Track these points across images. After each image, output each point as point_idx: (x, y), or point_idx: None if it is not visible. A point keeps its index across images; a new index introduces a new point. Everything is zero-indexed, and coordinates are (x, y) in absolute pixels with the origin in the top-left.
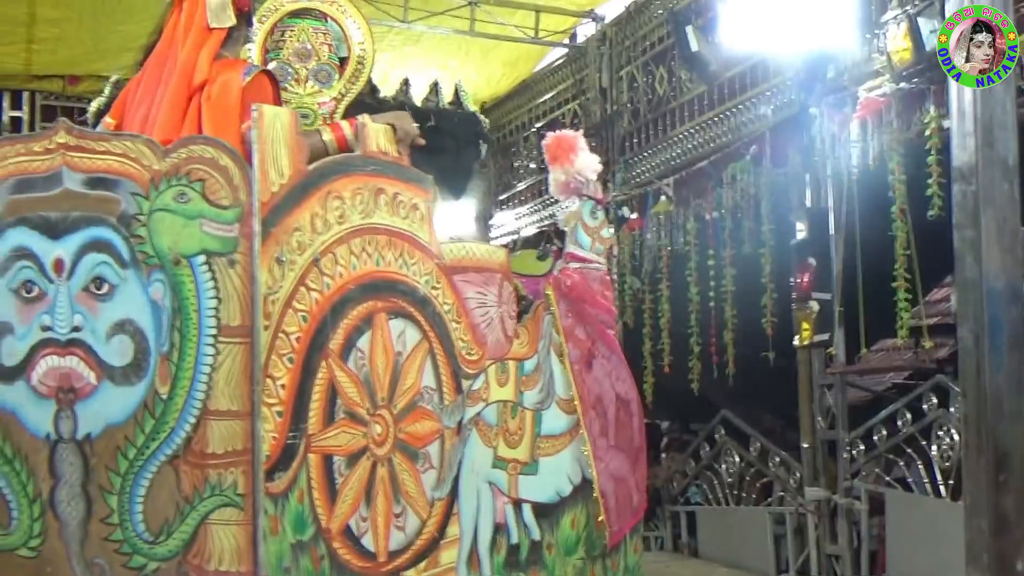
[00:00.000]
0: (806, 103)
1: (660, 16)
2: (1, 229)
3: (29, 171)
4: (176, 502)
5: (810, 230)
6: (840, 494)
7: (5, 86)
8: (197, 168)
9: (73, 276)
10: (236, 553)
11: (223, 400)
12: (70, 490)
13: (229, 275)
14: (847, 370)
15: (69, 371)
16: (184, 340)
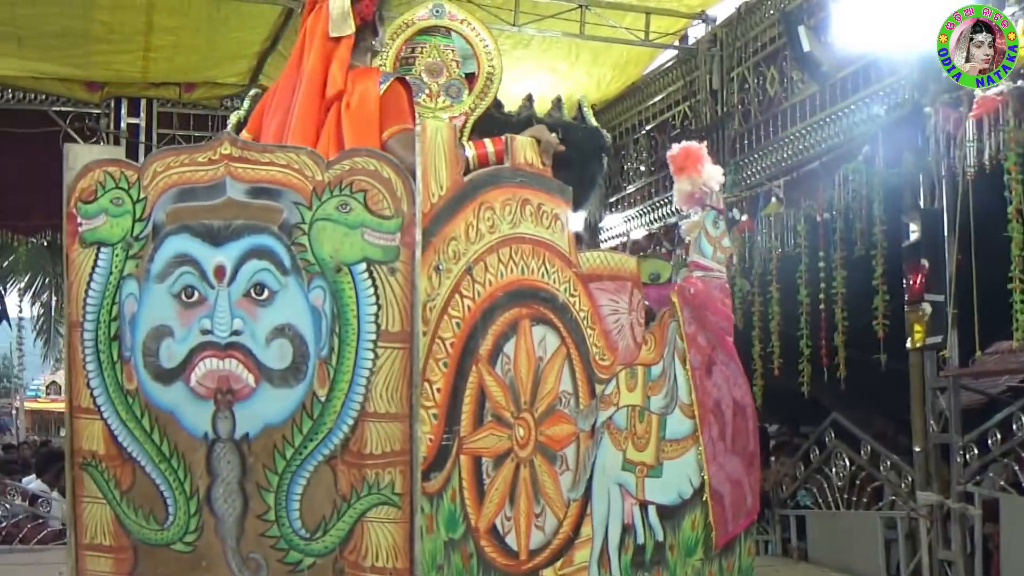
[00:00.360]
0: (920, 102)
1: (772, 17)
2: (164, 236)
3: (192, 181)
4: (333, 500)
5: (923, 231)
6: (953, 499)
7: (123, 93)
8: (360, 179)
9: (234, 282)
10: (392, 550)
11: (381, 403)
12: (227, 487)
13: (389, 282)
14: (961, 373)
15: (228, 373)
16: (343, 345)
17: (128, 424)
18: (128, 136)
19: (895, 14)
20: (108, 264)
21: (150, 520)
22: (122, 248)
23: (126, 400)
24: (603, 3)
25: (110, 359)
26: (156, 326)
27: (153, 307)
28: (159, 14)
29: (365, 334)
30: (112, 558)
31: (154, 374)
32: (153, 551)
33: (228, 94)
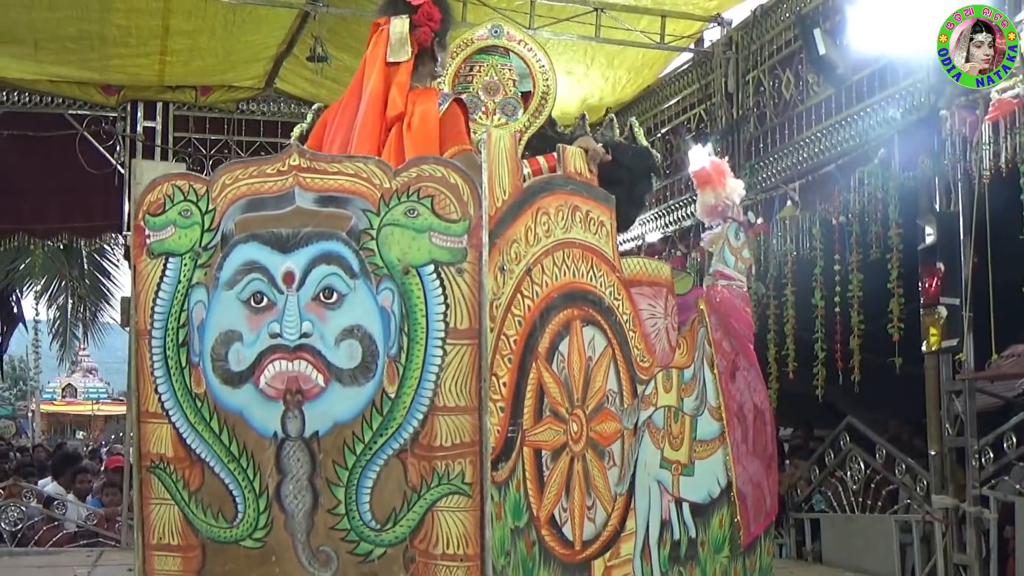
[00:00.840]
0: (936, 105)
1: (787, 20)
2: (232, 245)
3: (261, 192)
4: (403, 492)
5: (939, 234)
6: (969, 502)
7: (139, 97)
8: (427, 186)
9: (303, 287)
10: (463, 538)
11: (451, 397)
12: (297, 484)
13: (457, 283)
14: (976, 376)
15: (298, 374)
16: (412, 343)
17: (197, 426)
18: (144, 139)
19: (911, 17)
20: (176, 273)
21: (219, 518)
22: (190, 258)
23: (195, 403)
24: (618, 6)
25: (178, 365)
26: (225, 331)
27: (222, 313)
28: (175, 18)
29: (434, 332)
30: (180, 557)
31: (223, 377)
32: (222, 548)
33: (244, 97)
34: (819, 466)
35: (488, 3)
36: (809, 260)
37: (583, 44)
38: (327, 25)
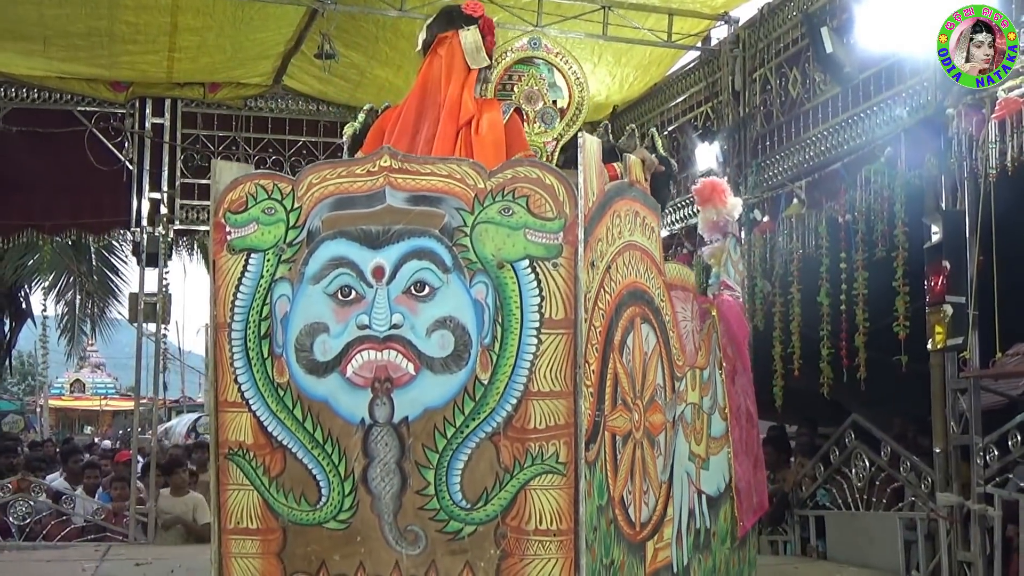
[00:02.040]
0: (942, 104)
1: (794, 18)
2: (319, 241)
3: (350, 191)
4: (496, 472)
5: (944, 233)
6: (973, 500)
7: (148, 93)
8: (523, 186)
9: (393, 280)
10: (556, 514)
11: (545, 382)
12: (384, 468)
13: (552, 276)
14: (981, 374)
15: (387, 363)
16: (506, 332)
17: (279, 415)
18: (152, 136)
19: (917, 16)
20: (259, 269)
21: (301, 502)
22: (274, 253)
23: (277, 393)
24: (626, 4)
25: (260, 356)
26: (311, 323)
27: (308, 306)
28: (184, 15)
29: (528, 322)
30: (259, 539)
31: (308, 367)
32: (304, 530)
33: (252, 94)
34: (824, 463)
35: (496, 1)
36: (815, 258)
37: (590, 42)
38: (335, 22)
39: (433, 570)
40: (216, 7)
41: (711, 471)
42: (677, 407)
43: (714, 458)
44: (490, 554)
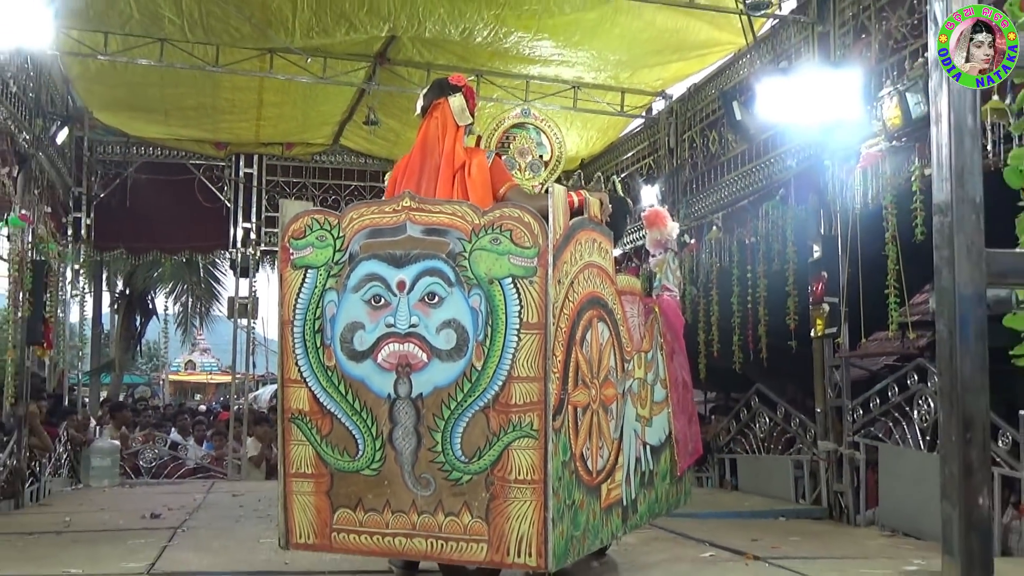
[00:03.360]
0: (821, 157)
1: (713, 95)
2: (358, 261)
3: (380, 224)
4: (486, 436)
5: (823, 251)
6: (844, 447)
7: (241, 151)
8: (507, 222)
9: (412, 291)
10: (531, 468)
11: (524, 369)
12: (404, 430)
13: (529, 290)
14: (850, 355)
15: (407, 353)
16: (495, 332)
17: (328, 389)
18: (244, 182)
19: (800, 94)
20: (314, 281)
21: (344, 455)
22: (324, 270)
23: (326, 373)
24: (590, 85)
25: (314, 345)
26: (351, 322)
27: (349, 310)
28: (267, 93)
29: (511, 324)
30: (313, 481)
31: (349, 355)
32: (346, 476)
33: (317, 151)
34: (736, 420)
35: (495, 82)
36: (728, 270)
37: (564, 112)
38: (378, 99)
39: (440, 507)
40: (291, 88)
41: (654, 427)
42: (626, 382)
43: (656, 417)
44: (482, 496)
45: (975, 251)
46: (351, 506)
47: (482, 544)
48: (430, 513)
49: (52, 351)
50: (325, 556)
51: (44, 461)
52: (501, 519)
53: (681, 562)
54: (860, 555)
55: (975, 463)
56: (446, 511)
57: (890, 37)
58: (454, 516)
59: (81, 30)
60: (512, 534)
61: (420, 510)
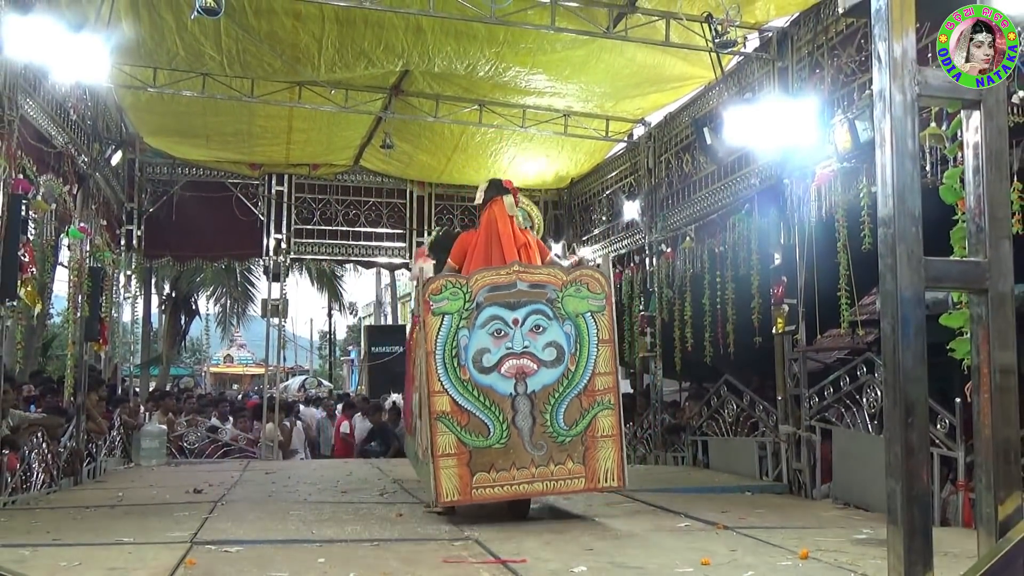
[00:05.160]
0: (781, 176)
1: (686, 121)
2: (482, 307)
3: (497, 283)
4: (580, 411)
5: (783, 258)
6: (802, 429)
7: (273, 170)
8: (585, 278)
9: (524, 325)
10: (611, 427)
11: (602, 368)
12: (523, 415)
13: (602, 319)
14: (807, 349)
15: (523, 365)
16: (581, 346)
17: (464, 395)
18: (275, 198)
19: (763, 121)
20: (450, 323)
21: (479, 437)
22: (457, 315)
23: (463, 384)
24: (578, 113)
25: (453, 366)
26: (479, 348)
27: (478, 341)
28: (297, 121)
29: (592, 341)
30: (455, 457)
31: (479, 370)
32: (481, 451)
33: (340, 171)
34: (707, 407)
35: (496, 111)
36: (700, 275)
37: (556, 137)
38: (393, 125)
39: (551, 460)
40: (317, 116)
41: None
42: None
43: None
44: (579, 449)
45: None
46: (486, 470)
47: (581, 479)
48: (544, 465)
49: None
50: (347, 527)
51: (100, 443)
52: (593, 461)
53: (661, 531)
54: (816, 525)
55: (915, 444)
56: (556, 462)
57: (841, 72)
58: (561, 464)
59: (133, 65)
60: (601, 470)
61: (537, 464)
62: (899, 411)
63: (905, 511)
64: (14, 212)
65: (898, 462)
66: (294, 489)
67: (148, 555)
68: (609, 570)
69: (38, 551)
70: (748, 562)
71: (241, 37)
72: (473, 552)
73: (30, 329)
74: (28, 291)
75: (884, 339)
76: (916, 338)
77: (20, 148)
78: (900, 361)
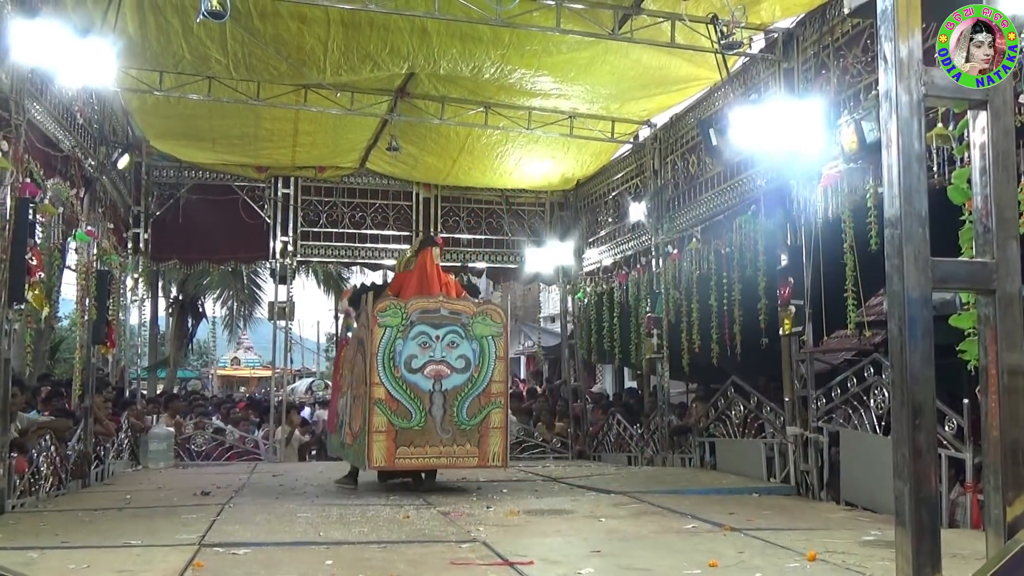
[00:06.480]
0: (787, 177)
1: (692, 123)
2: (415, 324)
3: (427, 307)
4: (479, 407)
5: (790, 259)
6: (810, 431)
7: (279, 173)
8: (490, 309)
9: (443, 340)
10: (501, 423)
11: (497, 376)
12: (437, 407)
13: (499, 341)
14: (814, 350)
15: (440, 370)
16: (484, 360)
17: (395, 387)
18: (282, 201)
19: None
20: (390, 335)
21: (403, 419)
22: (395, 328)
23: (395, 378)
24: (584, 115)
25: (389, 366)
26: (409, 354)
27: (408, 348)
28: (302, 123)
29: (492, 356)
30: (386, 433)
31: (408, 369)
32: (404, 431)
33: (346, 173)
34: (715, 408)
35: (502, 113)
36: (707, 276)
37: (563, 139)
38: (399, 127)
39: (455, 442)
40: (323, 119)
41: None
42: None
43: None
44: (476, 435)
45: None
46: (407, 445)
47: (475, 458)
48: (449, 445)
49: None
50: (354, 529)
51: (108, 446)
52: (485, 446)
53: (667, 533)
54: (824, 527)
55: (924, 446)
56: (458, 444)
57: (847, 72)
58: (462, 446)
59: (139, 69)
60: (491, 452)
61: (444, 444)
62: (907, 412)
63: (913, 513)
64: (22, 216)
65: (906, 463)
66: (302, 491)
67: (156, 557)
68: (616, 572)
69: (46, 553)
70: (756, 564)
71: (247, 40)
72: (480, 554)
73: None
74: (36, 295)
75: (891, 340)
76: (923, 339)
77: (27, 152)
78: (907, 362)
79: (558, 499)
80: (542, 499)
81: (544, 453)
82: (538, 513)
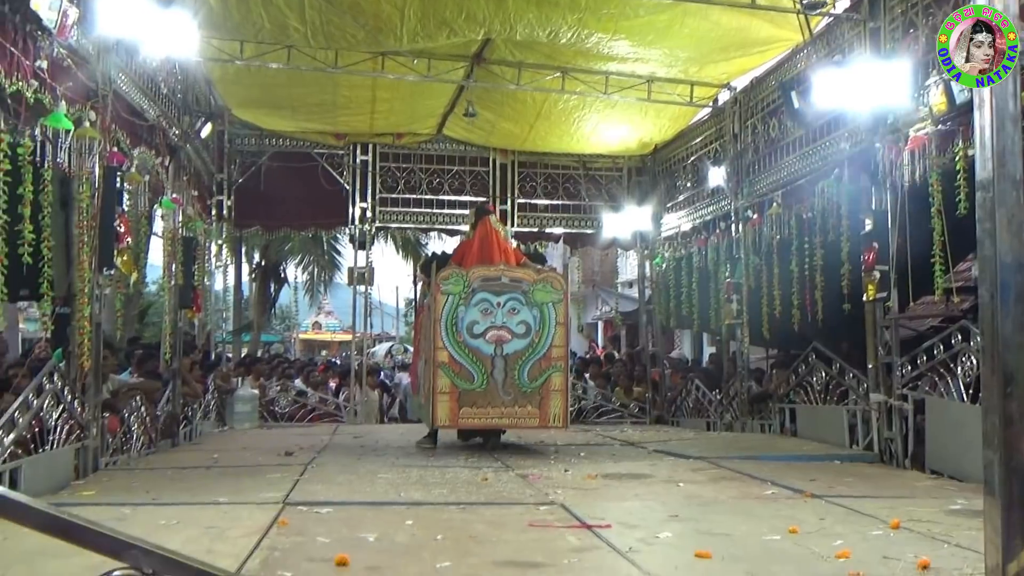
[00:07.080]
0: (872, 139)
1: (773, 85)
2: (475, 291)
3: (488, 276)
4: (539, 371)
5: (875, 224)
6: (894, 399)
7: (357, 140)
8: (548, 276)
9: (504, 307)
10: (560, 384)
11: (557, 341)
12: (499, 370)
13: (559, 307)
14: (899, 317)
15: (501, 335)
16: (544, 326)
17: (458, 351)
18: (360, 168)
19: (852, 83)
20: (453, 301)
21: (466, 381)
22: (458, 296)
23: (457, 343)
24: (662, 79)
25: (452, 331)
26: (471, 320)
27: (471, 314)
28: (380, 90)
29: (552, 322)
30: (449, 395)
31: (470, 335)
32: (467, 392)
33: (423, 140)
34: (795, 374)
35: (579, 78)
36: (788, 241)
37: (640, 103)
38: (475, 93)
39: (516, 403)
40: (400, 85)
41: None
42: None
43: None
44: (537, 397)
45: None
46: (470, 405)
47: (536, 419)
48: (510, 407)
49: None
50: (433, 491)
51: (195, 407)
52: (546, 407)
53: (747, 498)
54: (909, 495)
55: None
56: (519, 405)
57: (936, 31)
58: (523, 407)
59: (221, 39)
60: (551, 414)
61: (506, 405)
62: (997, 380)
63: (1003, 482)
64: (110, 184)
65: (996, 432)
66: (382, 452)
67: (243, 515)
68: (694, 536)
69: (137, 510)
70: (837, 531)
71: (324, 8)
72: (559, 516)
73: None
74: (124, 260)
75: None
76: (1016, 305)
77: (114, 122)
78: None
79: (636, 463)
80: (620, 463)
81: (622, 418)
82: (616, 477)
